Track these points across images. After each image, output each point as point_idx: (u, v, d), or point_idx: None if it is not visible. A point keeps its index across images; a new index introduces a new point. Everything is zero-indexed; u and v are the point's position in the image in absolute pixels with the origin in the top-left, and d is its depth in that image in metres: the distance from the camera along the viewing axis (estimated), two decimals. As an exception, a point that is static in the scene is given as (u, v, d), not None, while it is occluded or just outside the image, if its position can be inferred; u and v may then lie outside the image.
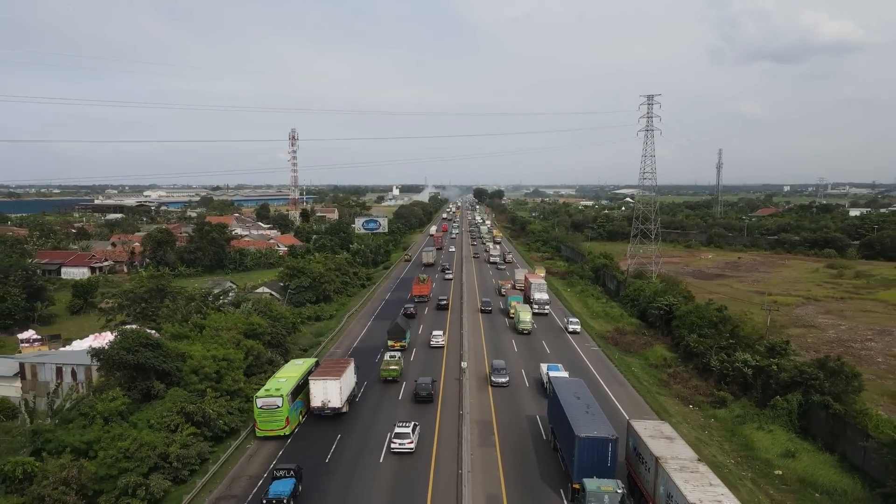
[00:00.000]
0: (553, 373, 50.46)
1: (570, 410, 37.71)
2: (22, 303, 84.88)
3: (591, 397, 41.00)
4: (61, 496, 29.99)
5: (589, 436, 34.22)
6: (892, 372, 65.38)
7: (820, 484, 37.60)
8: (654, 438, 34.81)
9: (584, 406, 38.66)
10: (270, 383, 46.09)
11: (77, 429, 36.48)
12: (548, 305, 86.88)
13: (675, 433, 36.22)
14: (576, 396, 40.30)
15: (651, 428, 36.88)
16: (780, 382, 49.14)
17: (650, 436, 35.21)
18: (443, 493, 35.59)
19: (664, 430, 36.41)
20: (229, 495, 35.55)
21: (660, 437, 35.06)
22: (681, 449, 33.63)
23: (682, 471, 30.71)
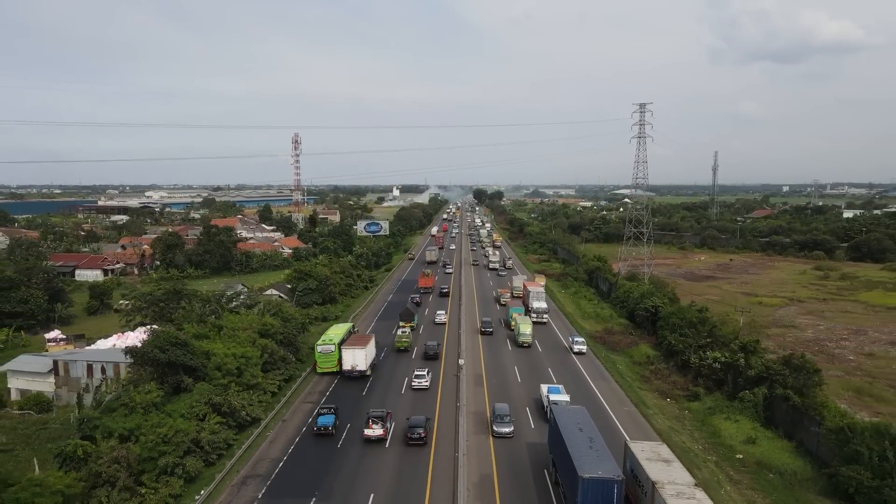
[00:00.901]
0: (554, 395, 48.77)
1: (572, 445, 35.66)
2: (44, 304, 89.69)
3: (594, 428, 38.62)
4: (114, 472, 34.89)
5: (593, 476, 32.33)
6: (861, 369, 70.10)
7: (775, 466, 42.55)
8: (651, 461, 34.37)
9: (588, 440, 36.38)
10: (325, 336, 64.05)
11: (120, 417, 41.40)
12: (546, 314, 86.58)
13: (672, 456, 35.94)
14: (578, 428, 38.09)
15: (648, 450, 36.36)
16: (748, 378, 54.09)
17: (647, 458, 34.80)
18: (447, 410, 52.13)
19: (662, 453, 35.94)
20: (255, 475, 40.51)
21: (657, 459, 34.71)
22: (678, 473, 33.31)
23: (679, 497, 30.64)
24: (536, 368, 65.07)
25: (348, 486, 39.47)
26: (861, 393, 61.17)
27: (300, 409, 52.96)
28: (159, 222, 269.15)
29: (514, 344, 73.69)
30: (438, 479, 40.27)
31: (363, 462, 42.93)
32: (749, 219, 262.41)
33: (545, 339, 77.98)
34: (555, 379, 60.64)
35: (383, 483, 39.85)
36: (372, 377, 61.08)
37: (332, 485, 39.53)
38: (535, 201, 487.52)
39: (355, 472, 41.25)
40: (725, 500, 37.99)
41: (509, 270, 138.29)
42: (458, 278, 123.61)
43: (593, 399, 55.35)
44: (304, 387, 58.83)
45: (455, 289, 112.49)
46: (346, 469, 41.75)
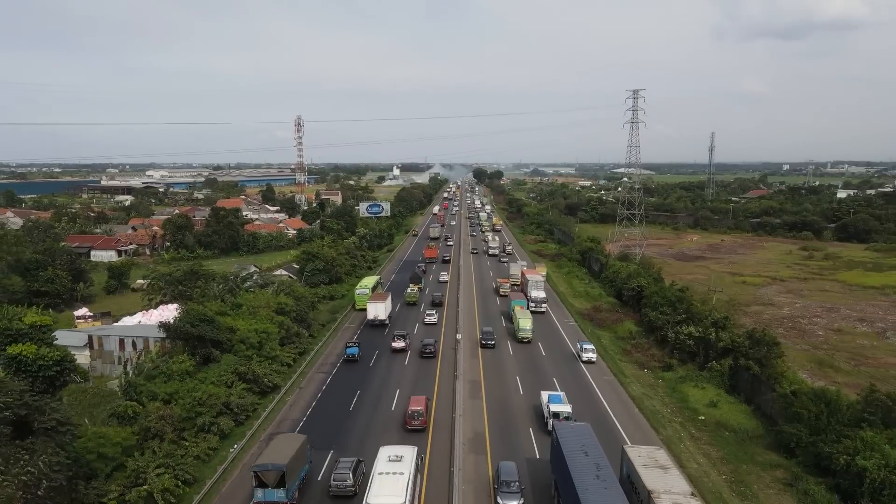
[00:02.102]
0: (555, 406, 46.01)
1: (577, 474, 32.71)
2: (69, 284, 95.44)
3: (600, 452, 35.60)
4: (162, 427, 40.95)
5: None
6: (827, 343, 76.16)
7: (731, 426, 48.74)
8: (647, 468, 33.80)
9: (594, 467, 33.34)
10: (361, 283, 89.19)
11: (161, 383, 47.46)
12: (545, 304, 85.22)
13: (670, 461, 35.52)
14: (583, 452, 35.05)
15: (645, 455, 35.70)
16: (717, 350, 60.16)
17: (644, 465, 34.20)
18: (449, 337, 70.46)
19: (659, 459, 35.33)
20: (279, 432, 46.65)
21: (654, 466, 34.16)
22: (675, 481, 32.79)
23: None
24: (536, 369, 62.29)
25: (381, 384, 56.90)
26: (822, 365, 67.34)
27: (314, 379, 59.05)
28: (163, 203, 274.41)
29: (514, 340, 70.80)
30: (444, 379, 57.93)
31: (391, 369, 61.32)
32: (744, 199, 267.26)
33: (547, 333, 74.92)
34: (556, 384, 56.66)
35: (406, 381, 57.63)
36: (389, 324, 77.50)
37: (367, 387, 55.98)
38: (534, 180, 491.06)
39: (386, 376, 59.36)
40: (685, 452, 44.16)
41: (510, 257, 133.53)
42: (457, 263, 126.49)
43: (580, 373, 61.50)
44: (317, 359, 64.88)
45: (455, 259, 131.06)
46: (378, 376, 59.41)
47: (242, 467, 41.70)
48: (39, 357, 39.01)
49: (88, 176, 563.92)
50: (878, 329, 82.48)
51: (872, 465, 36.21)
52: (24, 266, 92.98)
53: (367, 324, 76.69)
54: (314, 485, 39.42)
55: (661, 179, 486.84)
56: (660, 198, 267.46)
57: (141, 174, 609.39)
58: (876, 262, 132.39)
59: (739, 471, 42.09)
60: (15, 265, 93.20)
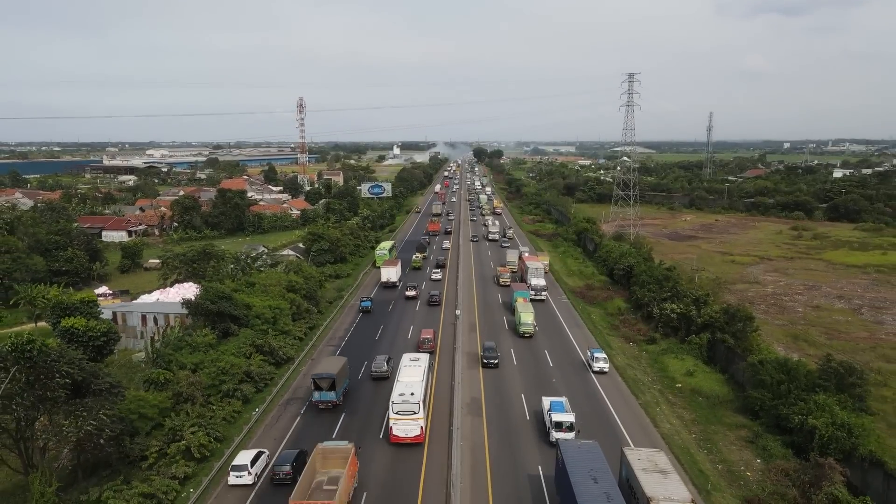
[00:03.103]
0: (557, 415, 43.03)
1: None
2: (86, 263, 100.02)
3: (611, 479, 33.13)
4: (192, 392, 45.87)
5: None
6: (805, 319, 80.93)
7: (705, 392, 53.73)
8: (647, 472, 33.21)
9: (604, 497, 31.04)
10: (380, 245, 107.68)
11: (187, 353, 52.29)
12: (545, 292, 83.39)
13: (670, 466, 34.69)
14: (592, 477, 32.54)
15: (645, 458, 34.97)
16: (697, 325, 64.96)
17: (643, 469, 33.61)
18: (450, 291, 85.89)
19: (659, 463, 34.53)
20: (295, 398, 51.82)
21: (654, 470, 33.52)
22: (675, 487, 32.06)
23: None
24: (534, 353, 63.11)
25: (398, 322, 73.76)
26: (797, 338, 72.18)
27: (325, 351, 63.92)
28: (167, 183, 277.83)
29: (515, 334, 68.74)
30: (446, 319, 74.49)
31: (405, 313, 78.08)
32: (741, 178, 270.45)
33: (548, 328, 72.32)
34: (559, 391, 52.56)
35: (417, 320, 74.36)
36: (400, 285, 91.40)
37: (388, 324, 72.58)
38: (534, 159, 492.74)
39: (401, 317, 76.54)
40: (660, 415, 49.16)
41: (511, 242, 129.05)
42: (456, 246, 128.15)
43: (570, 345, 66.37)
44: (326, 334, 69.77)
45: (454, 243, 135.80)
46: (395, 317, 76.37)
47: (264, 428, 46.90)
48: (89, 329, 43.64)
49: (89, 155, 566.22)
50: (855, 306, 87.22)
51: (822, 424, 41.15)
52: (44, 246, 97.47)
53: (381, 285, 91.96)
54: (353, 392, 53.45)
55: (660, 158, 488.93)
56: (658, 177, 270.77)
57: (141, 153, 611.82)
58: (862, 241, 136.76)
59: (708, 430, 47.15)
60: (35, 245, 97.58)
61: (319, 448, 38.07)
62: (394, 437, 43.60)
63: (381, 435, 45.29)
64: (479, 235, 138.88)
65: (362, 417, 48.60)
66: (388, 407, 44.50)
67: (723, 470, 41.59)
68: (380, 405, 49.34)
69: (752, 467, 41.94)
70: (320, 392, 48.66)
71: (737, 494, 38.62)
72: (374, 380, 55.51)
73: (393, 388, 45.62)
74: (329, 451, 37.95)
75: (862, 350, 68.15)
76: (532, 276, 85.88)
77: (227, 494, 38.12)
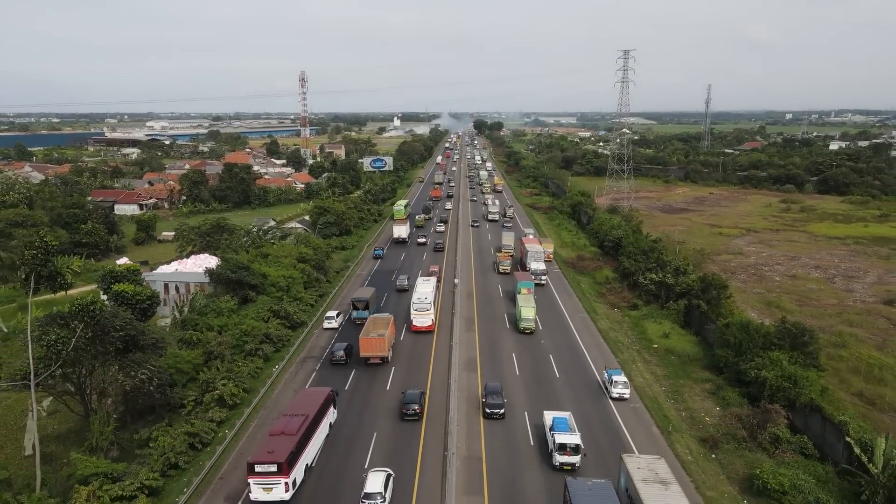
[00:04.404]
0: (561, 436, 39.47)
1: None
2: (105, 236, 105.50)
3: None
4: (221, 350, 51.93)
5: None
6: (781, 288, 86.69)
7: (678, 352, 59.83)
8: (647, 483, 32.34)
9: None
10: (397, 203, 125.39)
11: (212, 317, 58.23)
12: (545, 276, 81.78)
13: (670, 474, 33.87)
14: None
15: (645, 467, 34.06)
16: (675, 293, 70.75)
17: (643, 479, 32.76)
18: (451, 240, 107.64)
19: (659, 471, 33.66)
20: (310, 356, 57.97)
21: (654, 480, 32.66)
22: (676, 500, 31.38)
23: None
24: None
25: (411, 261, 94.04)
26: (770, 305, 78.02)
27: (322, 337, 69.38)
28: (170, 156, 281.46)
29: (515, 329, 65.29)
30: (448, 262, 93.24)
31: (419, 255, 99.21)
32: (738, 151, 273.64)
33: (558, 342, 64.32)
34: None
35: (426, 260, 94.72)
36: (409, 241, 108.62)
37: (404, 263, 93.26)
38: (534, 131, 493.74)
39: (414, 258, 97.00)
40: (635, 370, 55.30)
41: (512, 221, 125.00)
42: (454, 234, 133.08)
43: (560, 311, 72.26)
44: (335, 301, 75.66)
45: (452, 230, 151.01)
46: (409, 259, 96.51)
47: (284, 382, 53.12)
48: (136, 293, 49.37)
49: (89, 127, 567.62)
50: (829, 275, 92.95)
51: (772, 376, 47.18)
52: (64, 220, 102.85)
53: (392, 241, 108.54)
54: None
55: (661, 130, 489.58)
56: (656, 150, 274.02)
57: (141, 125, 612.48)
58: (847, 213, 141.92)
59: (677, 384, 53.33)
60: (56, 219, 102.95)
61: (371, 317, 60.69)
62: (414, 326, 63.46)
63: (405, 326, 64.50)
64: (480, 217, 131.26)
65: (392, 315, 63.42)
66: (409, 308, 64.57)
67: (685, 416, 47.82)
68: (402, 307, 69.93)
69: (711, 414, 48.16)
70: (357, 311, 65.34)
71: (694, 435, 44.86)
72: (398, 292, 78.09)
73: (412, 296, 65.42)
74: (377, 318, 60.27)
75: (828, 315, 74.09)
76: (532, 260, 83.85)
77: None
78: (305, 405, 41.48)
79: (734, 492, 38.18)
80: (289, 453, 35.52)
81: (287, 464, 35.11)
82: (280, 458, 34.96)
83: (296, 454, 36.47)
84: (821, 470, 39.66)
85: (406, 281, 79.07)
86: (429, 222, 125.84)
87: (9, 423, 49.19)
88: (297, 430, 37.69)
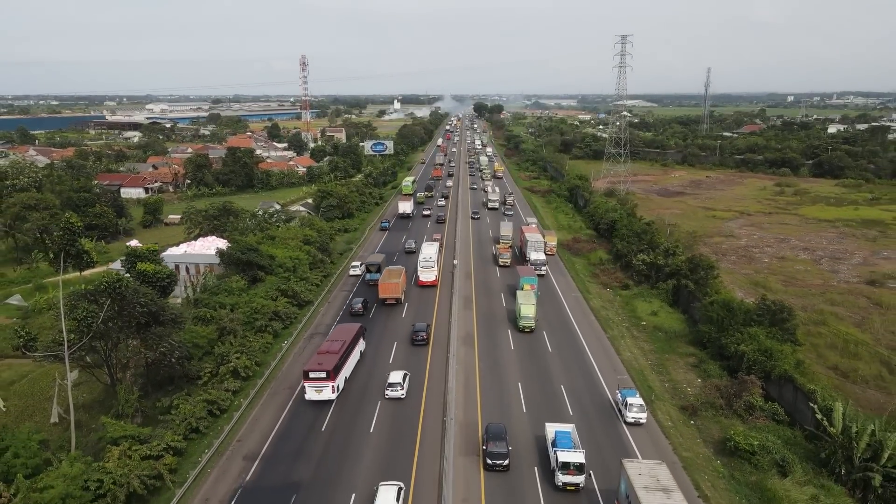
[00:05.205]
0: (564, 454, 37.04)
1: None
2: (114, 219, 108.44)
3: None
4: (234, 326, 55.24)
5: None
6: (769, 269, 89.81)
7: (665, 328, 63.16)
8: (648, 491, 31.42)
9: None
10: (405, 180, 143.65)
11: (224, 296, 61.47)
12: (545, 266, 79.79)
13: (672, 481, 32.84)
14: None
15: (647, 473, 33.08)
16: (665, 273, 73.92)
17: (644, 486, 31.84)
18: (452, 213, 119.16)
19: (661, 478, 32.75)
20: (317, 332, 61.34)
21: (655, 488, 31.72)
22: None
23: None
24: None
25: (417, 230, 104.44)
26: (757, 285, 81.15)
27: (338, 296, 73.16)
28: (171, 139, 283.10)
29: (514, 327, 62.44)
30: (449, 231, 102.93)
31: (423, 226, 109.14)
32: (737, 134, 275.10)
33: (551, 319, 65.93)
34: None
35: (430, 230, 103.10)
36: (413, 216, 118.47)
37: (410, 230, 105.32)
38: (534, 114, 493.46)
39: (419, 228, 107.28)
40: (623, 346, 58.69)
41: (513, 209, 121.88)
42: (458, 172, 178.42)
43: (553, 291, 75.48)
44: (339, 281, 78.93)
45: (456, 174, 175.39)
46: (414, 228, 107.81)
47: (294, 355, 56.53)
48: (157, 272, 52.53)
49: (88, 110, 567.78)
50: (817, 257, 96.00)
51: (749, 350, 50.54)
52: (74, 203, 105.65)
53: (398, 216, 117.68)
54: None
55: (662, 113, 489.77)
56: (655, 133, 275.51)
57: (140, 107, 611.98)
58: (840, 197, 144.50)
59: (662, 358, 56.73)
60: (66, 202, 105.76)
61: (387, 269, 73.17)
62: (420, 281, 74.75)
63: (413, 282, 75.96)
64: (480, 206, 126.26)
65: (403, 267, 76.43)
66: (416, 267, 75.43)
67: (669, 387, 51.27)
68: (410, 267, 78.94)
69: (692, 385, 51.60)
70: (370, 273, 75.32)
71: (676, 403, 48.33)
72: (406, 253, 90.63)
73: (419, 256, 76.34)
74: (391, 269, 73.25)
75: (812, 295, 77.31)
76: (532, 251, 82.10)
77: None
78: (343, 335, 52.47)
79: (709, 453, 41.70)
80: (334, 365, 46.56)
81: (333, 371, 46.21)
82: (328, 367, 46.11)
83: (338, 366, 47.48)
84: (789, 434, 43.17)
85: (413, 244, 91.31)
86: (430, 199, 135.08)
87: (35, 395, 52.79)
88: (339, 350, 48.85)
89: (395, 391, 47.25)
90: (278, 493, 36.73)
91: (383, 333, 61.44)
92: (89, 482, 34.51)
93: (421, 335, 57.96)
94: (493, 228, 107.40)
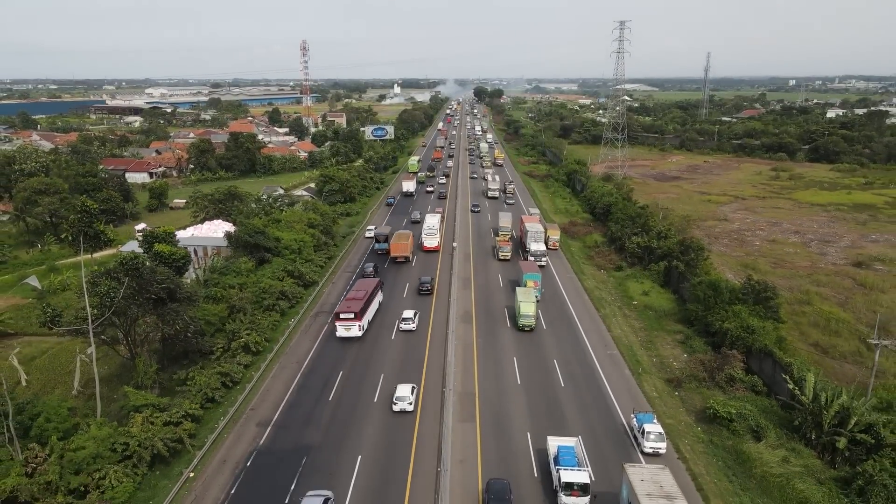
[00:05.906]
0: (567, 473, 35.06)
1: None
2: (121, 203, 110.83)
3: None
4: (243, 305, 58.08)
5: None
6: (759, 251, 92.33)
7: (655, 307, 65.99)
8: (651, 498, 30.58)
9: None
10: (410, 159, 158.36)
11: (232, 277, 64.24)
12: (545, 258, 78.12)
13: (676, 488, 31.81)
14: None
15: (649, 479, 32.07)
16: (657, 255, 76.60)
17: (647, 493, 30.91)
18: (452, 192, 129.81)
19: (664, 485, 31.73)
20: (322, 311, 64.25)
21: (658, 495, 30.83)
22: None
23: None
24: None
25: (422, 204, 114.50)
26: (747, 267, 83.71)
27: (342, 277, 75.97)
28: (173, 124, 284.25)
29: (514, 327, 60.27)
30: (450, 205, 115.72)
31: (427, 202, 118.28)
32: (735, 119, 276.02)
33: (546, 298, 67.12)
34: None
35: (433, 204, 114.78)
36: (415, 195, 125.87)
37: (415, 204, 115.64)
38: (535, 98, 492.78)
39: (424, 203, 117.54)
40: (614, 324, 61.57)
41: (514, 198, 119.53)
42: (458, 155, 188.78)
43: (550, 274, 78.19)
44: (342, 263, 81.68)
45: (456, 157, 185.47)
46: (419, 203, 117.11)
47: (301, 333, 59.46)
48: (173, 253, 55.26)
49: (88, 94, 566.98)
50: (806, 240, 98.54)
51: (733, 327, 53.37)
52: (82, 187, 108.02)
53: (402, 194, 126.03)
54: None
55: (662, 97, 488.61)
56: (654, 117, 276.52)
57: (140, 91, 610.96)
58: (833, 181, 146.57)
59: (651, 335, 59.61)
60: (75, 187, 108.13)
61: (396, 232, 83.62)
62: (424, 247, 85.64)
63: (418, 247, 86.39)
64: (480, 195, 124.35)
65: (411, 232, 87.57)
66: (421, 234, 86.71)
67: (656, 361, 54.21)
68: (416, 234, 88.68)
69: (678, 359, 54.55)
70: (378, 243, 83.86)
71: (662, 376, 51.31)
72: (412, 223, 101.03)
73: (423, 224, 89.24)
74: (401, 233, 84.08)
75: (799, 276, 79.97)
76: (531, 241, 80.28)
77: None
78: (365, 286, 62.37)
79: (690, 420, 44.72)
80: (360, 308, 56.71)
81: (359, 313, 56.27)
82: (355, 309, 56.24)
83: (363, 310, 57.44)
84: (766, 403, 46.16)
85: (418, 215, 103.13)
86: (432, 178, 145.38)
87: (57, 368, 55.82)
88: (363, 297, 58.91)
89: (408, 324, 58.89)
90: (291, 454, 39.81)
91: (395, 284, 73.25)
92: (116, 444, 37.54)
93: (426, 285, 69.17)
94: (493, 220, 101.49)
